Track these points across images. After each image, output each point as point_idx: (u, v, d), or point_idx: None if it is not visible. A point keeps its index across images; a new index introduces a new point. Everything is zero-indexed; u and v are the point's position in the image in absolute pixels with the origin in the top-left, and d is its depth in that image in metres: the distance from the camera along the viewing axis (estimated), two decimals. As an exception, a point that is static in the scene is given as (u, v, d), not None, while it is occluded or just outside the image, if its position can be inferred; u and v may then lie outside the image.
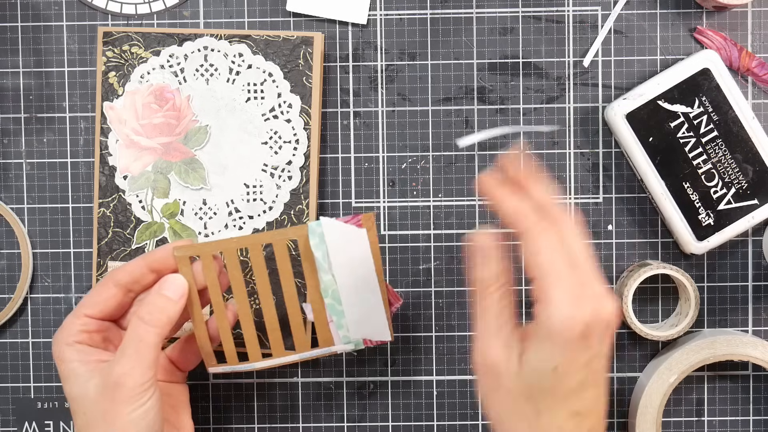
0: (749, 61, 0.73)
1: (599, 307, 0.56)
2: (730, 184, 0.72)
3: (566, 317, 0.54)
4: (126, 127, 0.74)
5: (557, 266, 0.56)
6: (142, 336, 0.62)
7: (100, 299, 0.64)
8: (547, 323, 0.55)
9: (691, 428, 0.76)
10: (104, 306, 0.64)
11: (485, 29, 0.75)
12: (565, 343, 0.55)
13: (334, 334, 0.68)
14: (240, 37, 0.73)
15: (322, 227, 0.65)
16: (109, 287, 0.64)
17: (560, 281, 0.55)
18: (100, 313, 0.64)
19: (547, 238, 0.56)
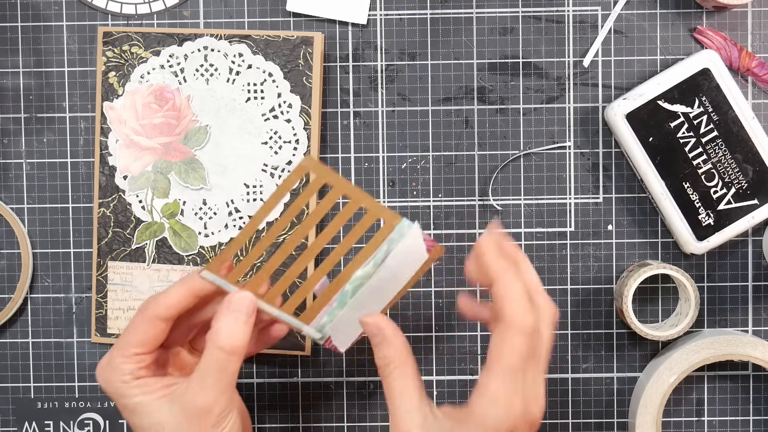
0: (749, 61, 0.73)
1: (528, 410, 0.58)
2: (730, 184, 0.72)
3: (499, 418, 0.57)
4: (126, 127, 0.74)
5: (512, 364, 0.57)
6: (224, 366, 0.60)
7: (148, 337, 0.62)
8: (480, 416, 0.57)
9: (691, 428, 0.76)
10: (154, 342, 0.62)
11: (485, 29, 0.75)
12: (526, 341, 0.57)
13: (319, 316, 0.65)
14: (240, 37, 0.73)
15: (410, 231, 0.63)
16: (155, 324, 0.62)
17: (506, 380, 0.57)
18: (151, 348, 0.62)
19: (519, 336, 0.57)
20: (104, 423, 0.76)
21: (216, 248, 0.74)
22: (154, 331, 0.62)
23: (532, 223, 0.75)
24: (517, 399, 0.57)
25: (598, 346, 0.75)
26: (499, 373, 0.57)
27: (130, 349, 0.62)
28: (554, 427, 0.76)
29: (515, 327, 0.57)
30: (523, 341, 0.57)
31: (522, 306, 0.57)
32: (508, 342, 0.57)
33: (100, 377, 0.62)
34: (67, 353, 0.76)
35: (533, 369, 0.58)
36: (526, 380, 0.57)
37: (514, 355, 0.57)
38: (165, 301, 0.62)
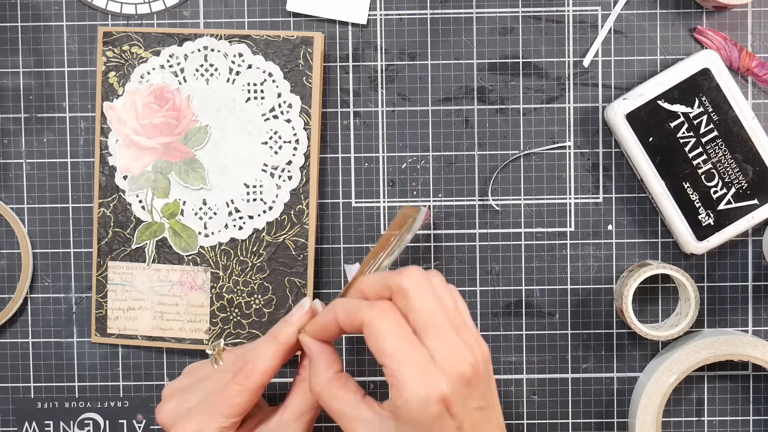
0: (749, 61, 0.73)
1: (455, 368, 0.54)
2: (730, 184, 0.72)
3: (420, 401, 0.53)
4: (126, 127, 0.74)
5: (401, 348, 0.54)
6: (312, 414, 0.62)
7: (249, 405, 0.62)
8: (404, 409, 0.54)
9: (691, 428, 0.76)
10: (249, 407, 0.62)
11: (485, 29, 0.75)
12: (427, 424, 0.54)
13: None
14: (240, 37, 0.73)
15: (421, 213, 0.66)
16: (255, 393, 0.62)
17: (408, 363, 0.54)
18: (246, 413, 0.63)
19: (382, 322, 0.55)
20: (104, 423, 0.76)
21: (216, 248, 0.74)
22: (255, 400, 0.62)
23: (532, 223, 0.75)
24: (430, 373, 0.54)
25: (598, 346, 0.75)
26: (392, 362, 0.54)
27: (230, 420, 0.61)
28: (554, 427, 0.76)
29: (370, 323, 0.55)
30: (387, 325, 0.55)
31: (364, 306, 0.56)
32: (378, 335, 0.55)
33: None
34: (67, 353, 0.76)
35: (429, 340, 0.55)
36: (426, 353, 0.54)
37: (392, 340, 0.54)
38: (265, 368, 0.62)
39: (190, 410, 0.62)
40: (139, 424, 0.77)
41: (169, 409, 0.63)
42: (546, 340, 0.75)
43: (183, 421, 0.62)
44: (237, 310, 0.74)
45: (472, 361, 0.55)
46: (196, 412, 0.62)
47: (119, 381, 0.76)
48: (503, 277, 0.75)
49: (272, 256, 0.74)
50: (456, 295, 0.59)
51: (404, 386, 0.54)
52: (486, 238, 0.75)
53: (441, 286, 0.58)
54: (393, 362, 0.54)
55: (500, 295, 0.75)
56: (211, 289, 0.74)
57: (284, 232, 0.74)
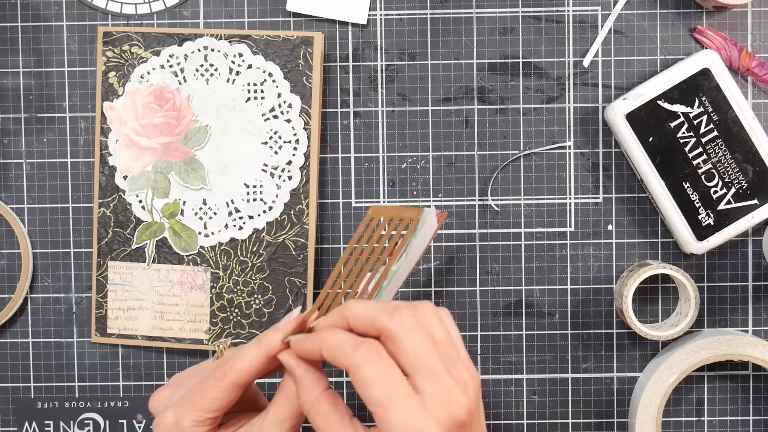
0: (749, 61, 0.73)
1: (448, 414, 0.54)
2: (730, 184, 0.72)
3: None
4: (126, 127, 0.74)
5: (388, 395, 0.53)
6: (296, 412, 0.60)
7: (226, 403, 0.60)
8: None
9: (691, 428, 0.76)
10: (228, 406, 0.61)
11: (485, 29, 0.75)
12: None
13: None
14: (240, 37, 0.73)
15: (430, 215, 0.64)
16: (233, 391, 0.60)
17: (395, 411, 0.53)
18: (224, 411, 0.61)
19: (368, 369, 0.54)
20: (104, 423, 0.77)
21: (216, 248, 0.74)
22: (231, 398, 0.60)
23: (532, 223, 0.75)
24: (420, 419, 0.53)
25: (598, 346, 0.75)
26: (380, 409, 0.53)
27: (205, 414, 0.60)
28: (554, 427, 0.76)
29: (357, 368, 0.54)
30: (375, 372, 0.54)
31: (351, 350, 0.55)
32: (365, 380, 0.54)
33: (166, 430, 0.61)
34: (67, 353, 0.76)
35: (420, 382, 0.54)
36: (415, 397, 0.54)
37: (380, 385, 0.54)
38: (245, 368, 0.60)
39: (176, 401, 0.62)
40: (139, 424, 0.77)
41: (162, 396, 0.63)
42: (546, 340, 0.75)
43: (165, 409, 0.61)
44: (237, 310, 0.74)
45: (466, 405, 0.55)
46: (179, 402, 0.61)
47: (119, 381, 0.76)
48: (503, 277, 0.75)
49: (272, 256, 0.74)
50: (448, 322, 0.58)
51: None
52: (486, 238, 0.75)
53: (432, 318, 0.57)
54: (380, 410, 0.53)
55: (500, 295, 0.75)
56: (211, 289, 0.74)
57: (284, 232, 0.74)
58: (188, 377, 0.64)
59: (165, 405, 0.62)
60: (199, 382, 0.61)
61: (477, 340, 0.75)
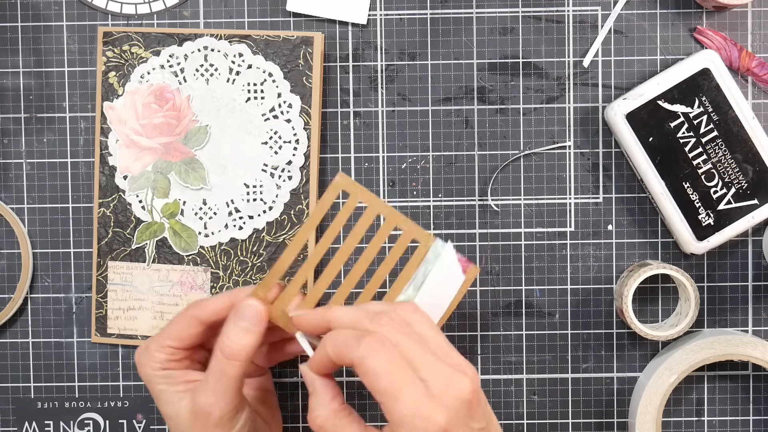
0: (749, 61, 0.73)
1: (453, 395, 0.55)
2: (730, 184, 0.72)
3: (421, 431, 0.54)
4: (126, 127, 0.74)
5: (394, 384, 0.55)
6: (224, 369, 0.62)
7: (186, 334, 0.65)
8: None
9: (691, 428, 0.76)
10: (189, 340, 0.65)
11: (485, 29, 0.75)
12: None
13: None
14: (240, 37, 0.73)
15: (445, 251, 0.65)
16: (193, 323, 0.65)
17: (403, 400, 0.54)
18: (185, 345, 0.65)
19: (372, 359, 0.55)
20: (104, 423, 0.77)
21: (216, 248, 0.74)
22: (190, 330, 0.65)
23: (532, 223, 0.75)
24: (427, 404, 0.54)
25: (598, 346, 0.75)
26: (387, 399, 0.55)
27: (166, 341, 0.65)
28: (554, 427, 0.76)
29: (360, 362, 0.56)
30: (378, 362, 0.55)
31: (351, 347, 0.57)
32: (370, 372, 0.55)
33: (137, 360, 0.66)
34: (67, 353, 0.76)
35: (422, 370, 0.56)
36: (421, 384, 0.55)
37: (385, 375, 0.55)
38: (207, 305, 0.65)
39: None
40: (139, 424, 0.77)
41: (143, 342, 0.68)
42: (546, 340, 0.75)
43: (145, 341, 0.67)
44: (237, 310, 0.74)
45: (470, 383, 0.56)
46: (154, 336, 0.67)
47: (119, 381, 0.76)
48: (503, 277, 0.75)
49: (272, 256, 0.74)
50: (427, 320, 0.60)
51: (401, 423, 0.54)
52: (486, 238, 0.75)
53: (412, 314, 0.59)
54: (388, 400, 0.55)
55: (500, 295, 0.75)
56: (212, 289, 0.74)
57: (284, 232, 0.74)
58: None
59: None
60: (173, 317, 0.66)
61: (477, 340, 0.75)
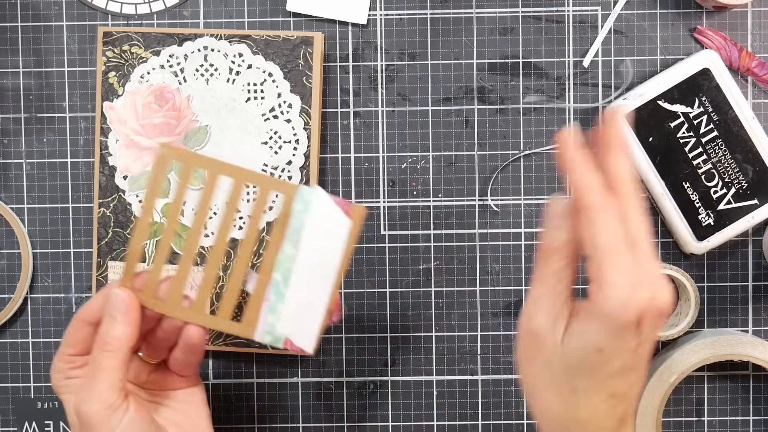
0: (749, 61, 0.73)
1: (656, 294, 0.54)
2: (730, 184, 0.72)
3: (622, 301, 0.53)
4: (126, 127, 0.74)
5: (616, 246, 0.54)
6: (99, 362, 0.61)
7: (77, 339, 0.63)
8: (602, 304, 0.53)
9: (691, 428, 0.76)
10: (83, 344, 0.63)
11: (485, 29, 0.75)
12: (616, 327, 0.53)
13: (262, 316, 0.62)
14: (240, 37, 0.73)
15: (313, 196, 0.60)
16: (80, 327, 0.63)
17: (619, 263, 0.53)
18: (80, 350, 0.63)
19: (608, 216, 0.54)
20: (104, 423, 0.76)
21: (216, 248, 0.74)
22: (78, 334, 0.63)
23: (532, 223, 0.75)
24: (638, 280, 0.54)
25: (598, 346, 0.75)
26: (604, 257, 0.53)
27: (64, 349, 0.63)
28: (554, 427, 0.76)
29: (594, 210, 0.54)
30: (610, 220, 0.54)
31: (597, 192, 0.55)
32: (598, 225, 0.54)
33: (51, 374, 0.64)
34: (67, 353, 0.76)
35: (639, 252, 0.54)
36: (636, 262, 0.54)
37: (609, 235, 0.54)
38: (87, 305, 0.63)
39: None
40: (139, 424, 0.76)
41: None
42: (546, 340, 0.75)
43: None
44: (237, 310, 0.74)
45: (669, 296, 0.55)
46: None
47: (119, 381, 0.76)
48: (503, 277, 0.75)
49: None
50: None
51: (608, 284, 0.53)
52: (486, 238, 0.75)
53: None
54: (604, 257, 0.54)
55: (500, 295, 0.75)
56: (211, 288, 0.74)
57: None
58: None
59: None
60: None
61: (477, 340, 0.75)
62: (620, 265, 0.53)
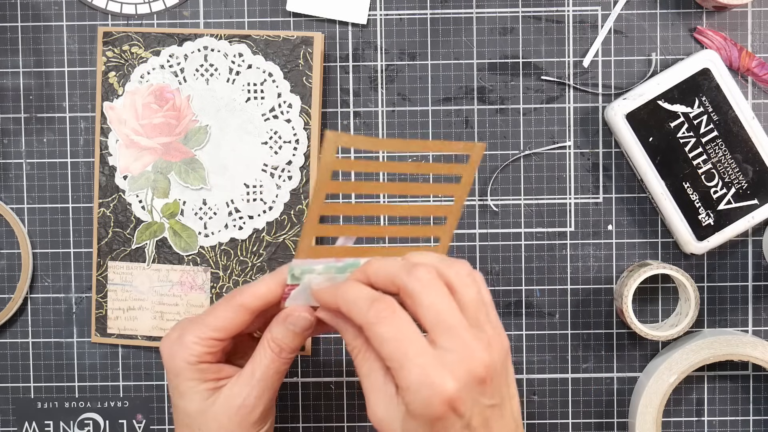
0: (749, 61, 0.73)
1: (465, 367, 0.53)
2: (730, 184, 0.72)
3: (424, 399, 0.53)
4: (126, 127, 0.74)
5: (405, 352, 0.53)
6: (276, 368, 0.61)
7: (229, 324, 0.60)
8: (410, 407, 0.53)
9: (691, 428, 0.76)
10: (232, 330, 0.61)
11: (485, 29, 0.75)
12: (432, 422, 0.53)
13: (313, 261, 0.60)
14: (240, 37, 0.73)
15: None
16: (239, 312, 0.60)
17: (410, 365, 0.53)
18: (227, 335, 0.61)
19: (381, 327, 0.54)
20: (104, 423, 0.77)
21: (216, 248, 0.74)
22: (236, 320, 0.60)
23: (532, 223, 0.75)
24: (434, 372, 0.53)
25: (598, 346, 0.75)
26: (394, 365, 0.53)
27: (208, 332, 0.60)
28: (554, 427, 0.76)
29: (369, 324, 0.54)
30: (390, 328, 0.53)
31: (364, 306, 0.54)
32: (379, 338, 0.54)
33: (166, 350, 0.61)
34: (67, 353, 0.76)
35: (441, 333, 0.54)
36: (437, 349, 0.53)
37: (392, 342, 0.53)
38: (254, 291, 0.60)
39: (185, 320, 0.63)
40: (139, 424, 0.77)
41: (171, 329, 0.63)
42: (546, 340, 0.75)
43: (175, 326, 0.62)
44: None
45: (488, 362, 0.54)
46: (187, 320, 0.62)
47: (119, 381, 0.76)
48: (503, 277, 0.75)
49: (272, 256, 0.74)
50: (481, 285, 0.57)
51: (407, 390, 0.53)
52: (486, 238, 0.75)
53: (465, 277, 0.56)
54: (396, 366, 0.53)
55: (500, 295, 0.75)
56: (211, 289, 0.74)
57: (284, 232, 0.74)
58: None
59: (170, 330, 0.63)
60: (210, 307, 0.62)
61: (477, 340, 0.75)
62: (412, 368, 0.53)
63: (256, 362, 0.61)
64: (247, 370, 0.61)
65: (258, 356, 0.61)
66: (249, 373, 0.61)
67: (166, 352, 0.61)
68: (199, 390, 0.61)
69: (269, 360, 0.61)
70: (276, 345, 0.60)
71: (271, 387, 0.61)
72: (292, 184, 0.74)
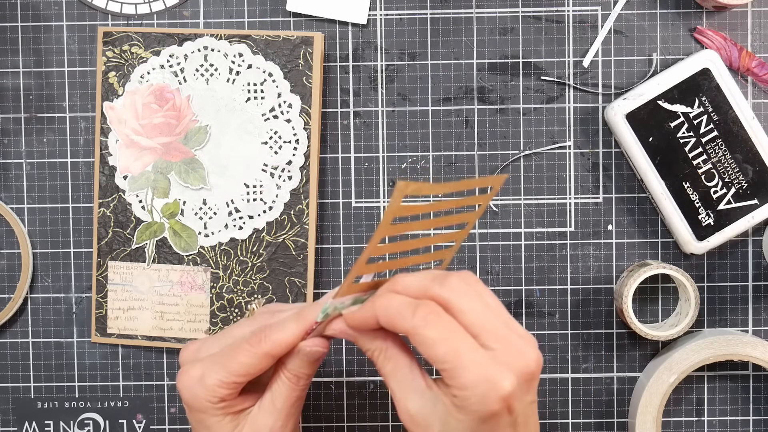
0: (749, 61, 0.73)
1: (522, 364, 0.54)
2: (730, 184, 0.72)
3: (483, 398, 0.53)
4: (126, 127, 0.74)
5: (456, 351, 0.53)
6: (296, 396, 0.61)
7: (256, 370, 0.60)
8: (464, 404, 0.53)
9: (691, 428, 0.76)
10: (256, 374, 0.61)
11: (485, 29, 0.75)
12: (485, 418, 0.53)
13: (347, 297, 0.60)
14: (240, 37, 0.73)
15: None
16: (265, 360, 0.60)
17: (465, 365, 0.53)
18: (250, 378, 0.61)
19: (428, 330, 0.54)
20: (104, 423, 0.77)
21: (216, 248, 0.74)
22: (260, 365, 0.60)
23: (532, 223, 0.75)
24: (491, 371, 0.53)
25: (598, 346, 0.75)
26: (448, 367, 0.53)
27: (232, 377, 0.60)
28: (554, 427, 0.76)
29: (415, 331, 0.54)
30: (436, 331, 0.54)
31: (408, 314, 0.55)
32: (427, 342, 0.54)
33: (187, 389, 0.61)
34: (67, 353, 0.76)
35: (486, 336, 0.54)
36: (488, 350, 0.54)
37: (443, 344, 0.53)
38: (280, 340, 0.60)
39: (205, 357, 0.62)
40: (139, 424, 0.77)
41: (191, 350, 0.63)
42: (546, 340, 0.75)
43: (194, 363, 0.61)
44: (237, 310, 0.74)
45: (537, 359, 0.55)
46: (208, 359, 0.61)
47: (119, 381, 0.76)
48: (503, 277, 0.75)
49: (272, 256, 0.74)
50: (493, 294, 0.58)
51: (464, 387, 0.53)
52: (486, 238, 0.75)
53: (477, 285, 0.57)
54: (450, 366, 0.53)
55: (500, 295, 0.75)
56: (211, 289, 0.74)
57: (284, 232, 0.74)
58: (220, 336, 0.64)
59: (191, 357, 0.63)
60: (233, 345, 0.61)
61: (477, 340, 0.75)
62: (469, 367, 0.53)
63: (275, 393, 0.61)
64: (267, 399, 0.61)
65: (276, 387, 0.61)
66: (270, 403, 0.61)
67: (188, 391, 0.61)
68: (224, 423, 0.61)
69: (288, 389, 0.61)
70: (293, 375, 0.61)
71: (294, 413, 0.62)
72: (292, 184, 0.74)
